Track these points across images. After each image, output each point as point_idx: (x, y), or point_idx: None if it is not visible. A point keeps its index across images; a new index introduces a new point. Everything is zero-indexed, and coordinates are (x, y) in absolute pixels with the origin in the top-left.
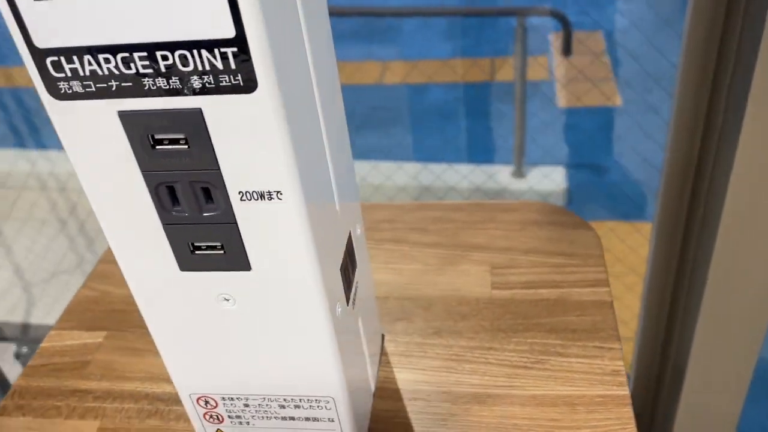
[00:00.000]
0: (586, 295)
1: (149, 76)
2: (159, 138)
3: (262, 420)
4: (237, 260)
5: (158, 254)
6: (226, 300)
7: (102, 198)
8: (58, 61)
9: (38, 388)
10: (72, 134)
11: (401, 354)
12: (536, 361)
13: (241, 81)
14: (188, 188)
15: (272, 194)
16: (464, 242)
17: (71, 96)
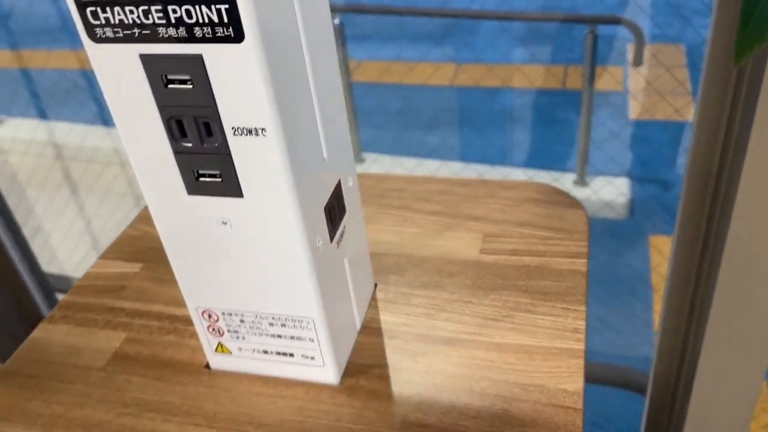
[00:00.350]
0: (564, 264)
1: (163, 26)
2: (170, 78)
3: (255, 336)
4: (232, 188)
5: (170, 179)
6: (224, 224)
7: (128, 129)
8: (95, 11)
9: (81, 304)
10: (105, 72)
11: (388, 301)
12: (506, 315)
13: (231, 32)
14: (192, 122)
15: (258, 131)
16: (463, 213)
17: (104, 40)
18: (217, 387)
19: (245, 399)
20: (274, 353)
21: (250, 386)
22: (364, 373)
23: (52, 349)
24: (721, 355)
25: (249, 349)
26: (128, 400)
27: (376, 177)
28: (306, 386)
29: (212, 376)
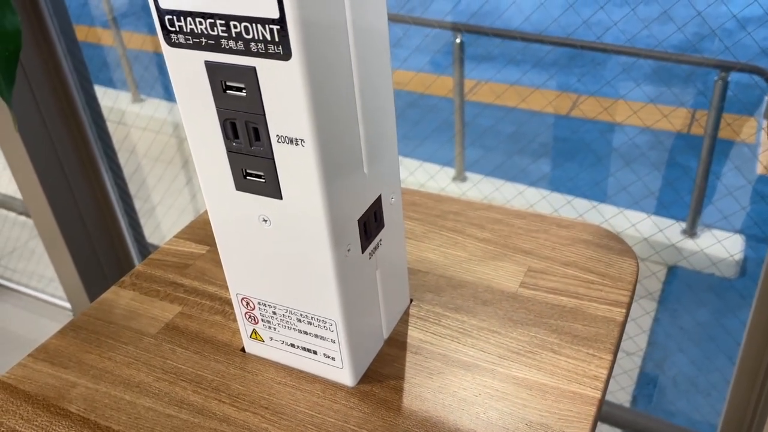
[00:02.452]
0: (601, 311)
1: (225, 38)
2: (229, 84)
3: (284, 329)
4: (273, 189)
5: (223, 174)
6: (265, 221)
7: (192, 125)
8: (172, 19)
9: (149, 275)
10: (177, 73)
11: (420, 317)
12: (529, 351)
13: (281, 50)
14: (243, 126)
15: (298, 141)
16: (512, 244)
17: (178, 45)
18: (247, 370)
19: (268, 385)
20: (300, 348)
21: (276, 374)
22: (381, 381)
23: (116, 311)
24: None
25: (279, 340)
26: (168, 367)
27: (436, 197)
28: (324, 384)
29: (245, 359)
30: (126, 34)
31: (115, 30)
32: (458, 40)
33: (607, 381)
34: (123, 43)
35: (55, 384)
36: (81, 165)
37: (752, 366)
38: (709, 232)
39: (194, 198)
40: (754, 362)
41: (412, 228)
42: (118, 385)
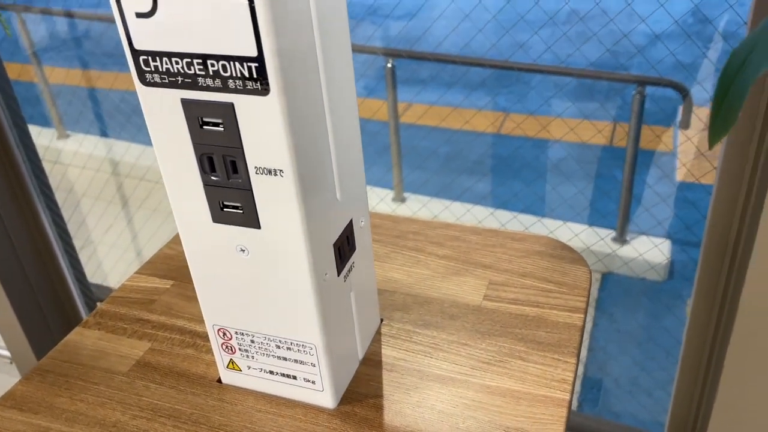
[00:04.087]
0: (561, 317)
1: (202, 76)
2: (205, 120)
3: (262, 356)
4: (251, 219)
5: (199, 207)
6: (242, 251)
7: (166, 161)
8: (147, 59)
9: (113, 313)
10: (151, 111)
11: (392, 336)
12: (499, 360)
13: (259, 87)
14: (221, 160)
15: (276, 171)
16: (472, 260)
17: (153, 84)
18: (225, 401)
19: (249, 414)
20: (279, 374)
21: (255, 403)
22: (360, 401)
23: (83, 352)
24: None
25: (257, 368)
26: (144, 404)
27: (395, 218)
28: (305, 408)
29: (222, 390)
30: (48, 69)
31: (37, 65)
32: (389, 65)
33: (573, 383)
34: (45, 78)
35: (27, 431)
36: (17, 204)
37: (694, 363)
38: (638, 238)
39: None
40: (694, 360)
41: (376, 249)
42: (94, 426)
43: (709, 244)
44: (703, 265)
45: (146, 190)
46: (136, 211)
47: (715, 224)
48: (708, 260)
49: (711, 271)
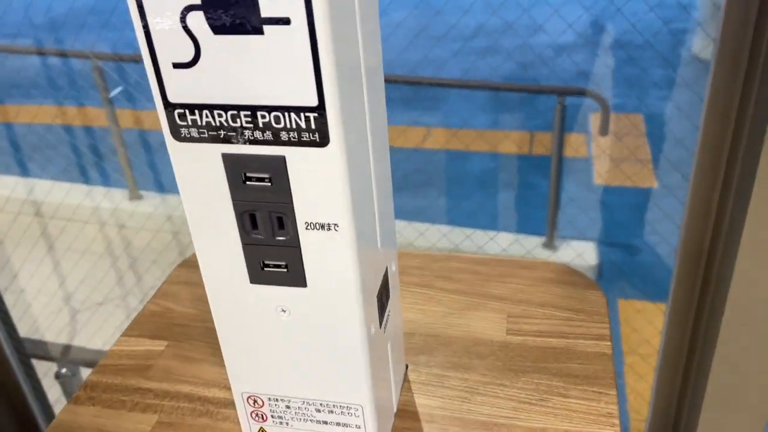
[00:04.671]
0: (589, 346)
1: (249, 129)
2: (249, 176)
3: (299, 422)
4: (296, 278)
5: (235, 268)
6: (283, 311)
7: (198, 219)
8: (183, 113)
9: (106, 384)
10: (184, 168)
11: (422, 383)
12: (540, 399)
13: (317, 138)
14: (266, 216)
15: (331, 226)
16: (484, 292)
17: (188, 139)
18: None
19: None
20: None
21: None
22: None
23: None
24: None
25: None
26: None
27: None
28: None
29: None
30: None
31: None
32: None
33: (619, 416)
34: None
35: None
36: None
37: (673, 363)
38: (566, 243)
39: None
40: (674, 360)
41: None
42: None
43: (684, 251)
44: (679, 270)
45: (73, 231)
46: (63, 254)
47: (689, 232)
48: (683, 265)
49: (687, 276)
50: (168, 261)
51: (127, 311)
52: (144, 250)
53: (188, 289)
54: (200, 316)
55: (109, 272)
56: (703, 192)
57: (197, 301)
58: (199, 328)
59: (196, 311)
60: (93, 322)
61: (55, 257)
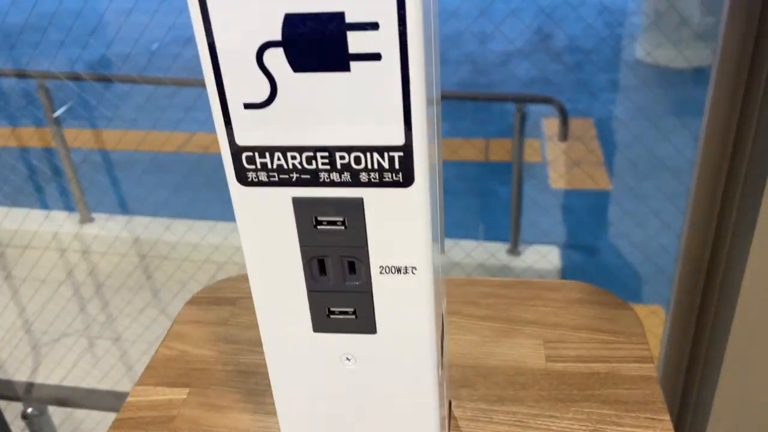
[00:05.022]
0: (633, 369)
1: (326, 171)
2: (321, 219)
3: None
4: (366, 324)
5: (297, 317)
6: (348, 360)
7: (259, 267)
8: (252, 155)
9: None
10: (247, 213)
11: (468, 419)
12: (594, 430)
13: (401, 178)
14: (337, 262)
15: (408, 269)
16: (515, 317)
17: (255, 183)
18: None
19: None
20: None
21: None
22: None
23: None
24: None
25: None
26: None
27: None
28: None
29: None
30: None
31: None
32: None
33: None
34: None
35: None
36: None
37: (675, 369)
38: (529, 248)
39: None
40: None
41: None
42: None
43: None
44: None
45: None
46: (22, 283)
47: (690, 239)
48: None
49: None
50: (134, 285)
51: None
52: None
53: (201, 329)
54: (220, 359)
55: (66, 300)
56: (704, 198)
57: (214, 342)
58: (220, 372)
59: (215, 353)
60: (54, 355)
61: (12, 285)
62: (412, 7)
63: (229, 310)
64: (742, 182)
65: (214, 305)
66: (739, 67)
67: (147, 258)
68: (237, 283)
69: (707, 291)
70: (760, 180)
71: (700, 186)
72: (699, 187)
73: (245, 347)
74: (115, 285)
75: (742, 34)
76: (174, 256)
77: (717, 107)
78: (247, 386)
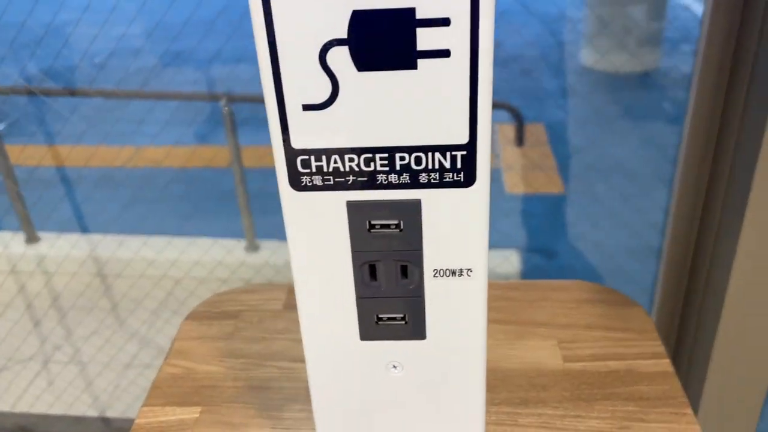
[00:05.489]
0: (650, 366)
1: (384, 172)
2: (374, 223)
3: None
4: (415, 330)
5: (344, 325)
6: (394, 367)
7: (306, 273)
8: (308, 159)
9: None
10: (299, 218)
11: (495, 423)
12: (621, 427)
13: (462, 177)
14: (390, 266)
15: (464, 271)
16: (526, 319)
17: (309, 188)
18: None
19: None
20: None
21: None
22: None
23: None
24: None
25: None
26: None
27: None
28: None
29: None
30: None
31: None
32: (226, 109)
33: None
34: None
35: None
36: None
37: None
38: (491, 252)
39: None
40: None
41: None
42: None
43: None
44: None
45: None
46: None
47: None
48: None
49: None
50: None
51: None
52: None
53: (205, 344)
54: (229, 374)
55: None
56: (689, 198)
57: (220, 358)
58: (231, 389)
59: (223, 369)
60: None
61: None
62: (486, 3)
63: (232, 324)
64: (728, 173)
65: (215, 320)
66: (721, 65)
67: (99, 276)
68: (237, 296)
69: (691, 291)
70: (746, 173)
71: (684, 182)
72: (682, 183)
73: (254, 361)
74: (66, 306)
75: (725, 32)
76: (128, 273)
77: (700, 102)
78: (261, 402)
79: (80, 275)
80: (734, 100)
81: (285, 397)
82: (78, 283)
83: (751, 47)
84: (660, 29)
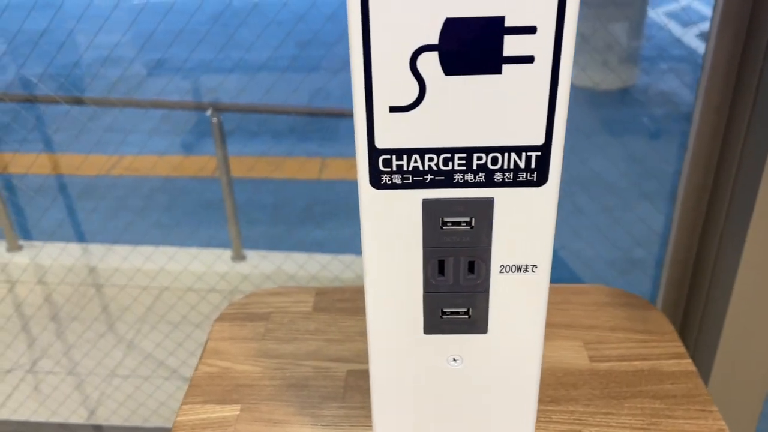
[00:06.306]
0: (673, 365)
1: (461, 172)
2: (447, 220)
3: None
4: (478, 324)
5: (409, 319)
6: (454, 360)
7: (377, 269)
8: (389, 158)
9: None
10: (375, 216)
11: None
12: (651, 423)
13: (535, 177)
14: (458, 262)
15: (529, 267)
16: (550, 321)
17: (388, 186)
18: None
19: None
20: None
21: None
22: None
23: None
24: None
25: None
26: None
27: None
28: None
29: None
30: None
31: None
32: (215, 119)
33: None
34: None
35: None
36: None
37: None
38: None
39: None
40: None
41: None
42: None
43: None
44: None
45: None
46: None
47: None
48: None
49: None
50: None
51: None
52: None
53: (239, 345)
54: (266, 374)
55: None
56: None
57: (255, 358)
58: (269, 387)
59: (259, 368)
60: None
61: None
62: (570, 12)
63: (263, 325)
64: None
65: (246, 321)
66: (728, 69)
67: (82, 286)
68: (265, 298)
69: (694, 292)
70: (751, 175)
71: (689, 187)
72: (687, 188)
73: (289, 361)
74: (46, 315)
75: (731, 43)
76: (113, 283)
77: (707, 108)
78: (299, 400)
79: (62, 285)
80: (739, 110)
81: (323, 396)
82: (59, 293)
83: (757, 59)
84: (638, 47)
